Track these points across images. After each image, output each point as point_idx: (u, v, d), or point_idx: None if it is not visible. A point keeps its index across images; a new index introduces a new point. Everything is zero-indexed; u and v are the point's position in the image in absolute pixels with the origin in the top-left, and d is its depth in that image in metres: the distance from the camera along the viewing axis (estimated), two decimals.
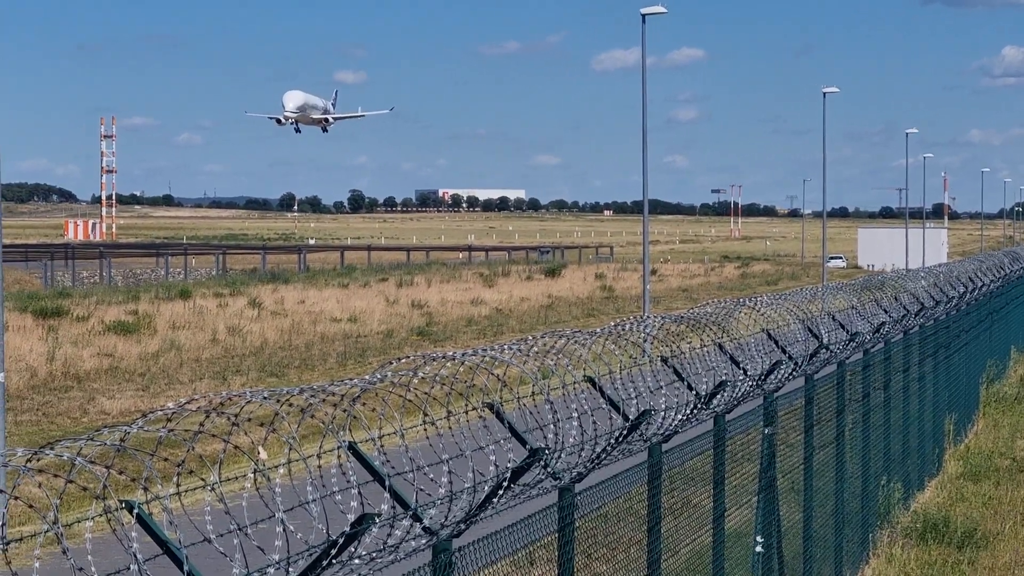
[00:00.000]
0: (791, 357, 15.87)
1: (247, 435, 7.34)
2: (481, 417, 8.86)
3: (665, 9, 53.38)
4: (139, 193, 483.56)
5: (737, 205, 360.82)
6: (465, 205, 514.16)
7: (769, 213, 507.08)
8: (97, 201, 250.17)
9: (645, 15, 53.32)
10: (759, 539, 15.02)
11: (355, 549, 7.24)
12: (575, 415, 9.74)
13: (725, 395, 13.22)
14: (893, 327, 22.69)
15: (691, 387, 12.37)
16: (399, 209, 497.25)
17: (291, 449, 7.12)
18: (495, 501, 8.64)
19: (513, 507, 9.04)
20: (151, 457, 6.42)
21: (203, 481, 6.75)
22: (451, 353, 9.05)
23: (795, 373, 16.08)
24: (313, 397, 7.41)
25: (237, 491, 7.36)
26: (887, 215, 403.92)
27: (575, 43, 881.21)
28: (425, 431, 8.27)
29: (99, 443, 6.36)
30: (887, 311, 22.42)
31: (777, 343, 15.63)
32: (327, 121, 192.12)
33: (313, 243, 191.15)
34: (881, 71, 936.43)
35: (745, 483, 14.85)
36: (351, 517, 7.17)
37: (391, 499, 7.61)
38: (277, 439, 7.35)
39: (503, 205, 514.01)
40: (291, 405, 7.39)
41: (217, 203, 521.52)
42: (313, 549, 7.05)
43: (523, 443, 9.02)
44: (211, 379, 41.72)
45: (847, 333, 19.11)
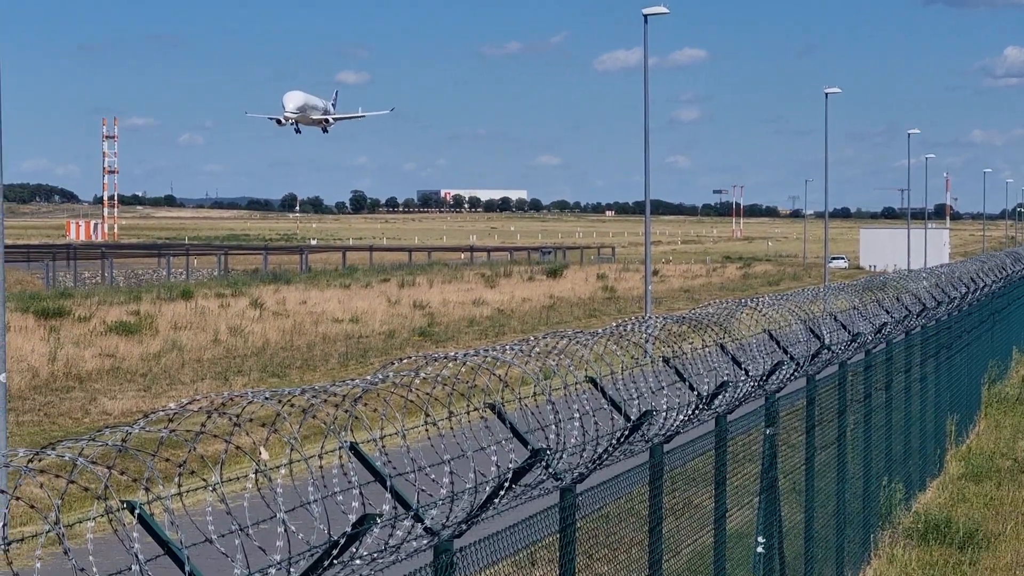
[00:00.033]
0: (793, 358, 15.86)
1: (249, 435, 7.34)
2: (483, 417, 8.86)
3: (667, 9, 53.42)
4: (141, 194, 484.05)
5: (739, 205, 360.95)
6: (467, 205, 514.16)
7: (771, 214, 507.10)
8: (99, 201, 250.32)
9: (647, 15, 53.33)
10: (760, 540, 15.01)
11: (356, 549, 7.24)
12: (577, 416, 9.73)
13: (727, 396, 13.21)
14: (895, 328, 22.68)
15: (693, 388, 12.36)
16: (401, 210, 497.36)
17: (292, 449, 7.12)
18: (496, 502, 8.64)
19: (514, 508, 9.04)
20: (152, 457, 6.42)
21: (204, 481, 6.75)
22: (453, 353, 9.05)
23: (797, 374, 16.07)
24: (315, 397, 7.41)
25: (238, 491, 7.36)
26: (889, 216, 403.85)
27: (577, 43, 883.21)
28: (427, 431, 8.27)
29: (101, 443, 6.36)
30: (889, 312, 22.41)
31: (779, 344, 15.63)
32: (327, 122, 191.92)
33: (315, 243, 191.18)
34: (883, 71, 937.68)
35: (746, 484, 14.84)
36: (352, 517, 7.17)
37: (392, 499, 7.61)
38: (279, 439, 7.35)
39: (505, 205, 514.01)
40: (293, 405, 7.39)
41: (219, 204, 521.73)
42: (314, 549, 7.05)
43: (525, 444, 9.02)
44: (213, 379, 41.71)
45: (849, 334, 19.11)
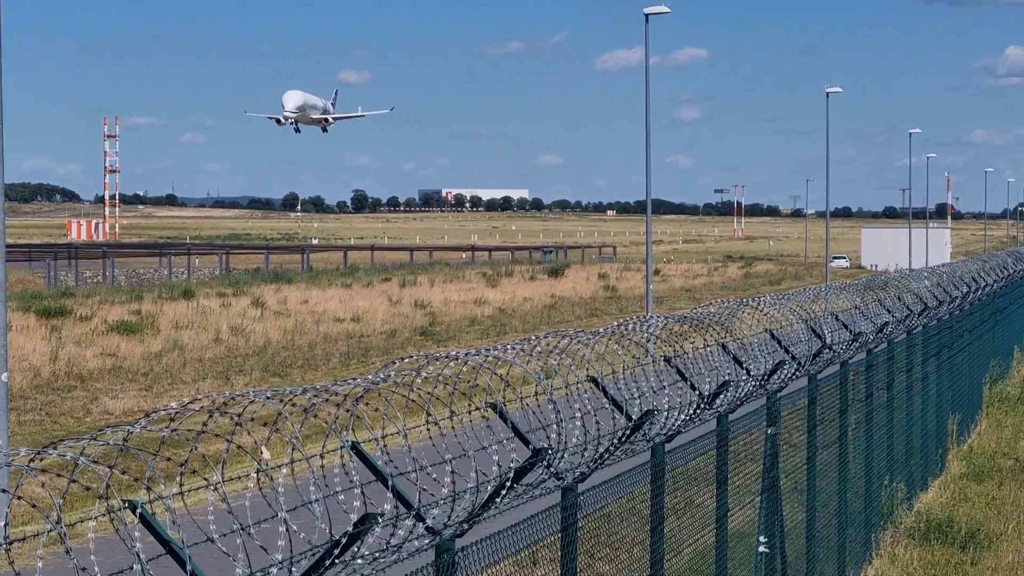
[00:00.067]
0: (794, 357, 15.86)
1: (250, 435, 7.34)
2: (484, 417, 8.86)
3: (668, 9, 53.43)
4: (143, 193, 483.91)
5: (740, 205, 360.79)
6: (468, 205, 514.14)
7: (772, 213, 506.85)
8: (100, 201, 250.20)
9: (648, 15, 53.35)
10: (762, 539, 15.01)
11: (358, 549, 7.24)
12: (578, 415, 9.73)
13: (728, 395, 13.21)
14: (896, 327, 22.67)
15: (694, 387, 12.36)
16: (402, 209, 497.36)
17: (294, 449, 7.12)
18: (498, 501, 8.63)
19: (516, 507, 9.04)
20: (154, 457, 6.42)
21: (206, 481, 6.75)
22: (454, 353, 9.05)
23: (798, 373, 16.07)
24: (316, 397, 7.41)
25: (240, 491, 7.36)
26: (890, 215, 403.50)
27: (578, 43, 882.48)
28: (428, 431, 8.26)
29: (102, 443, 6.36)
30: (890, 311, 22.40)
31: (780, 343, 15.62)
32: (327, 121, 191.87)
33: (316, 243, 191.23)
34: (884, 71, 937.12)
35: (748, 483, 14.84)
36: (354, 517, 7.16)
37: (394, 499, 7.60)
38: (280, 439, 7.35)
39: (506, 205, 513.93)
40: (294, 405, 7.39)
41: (220, 203, 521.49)
42: (316, 549, 7.05)
43: (526, 443, 9.02)
44: (214, 379, 41.72)
45: (850, 333, 19.10)
